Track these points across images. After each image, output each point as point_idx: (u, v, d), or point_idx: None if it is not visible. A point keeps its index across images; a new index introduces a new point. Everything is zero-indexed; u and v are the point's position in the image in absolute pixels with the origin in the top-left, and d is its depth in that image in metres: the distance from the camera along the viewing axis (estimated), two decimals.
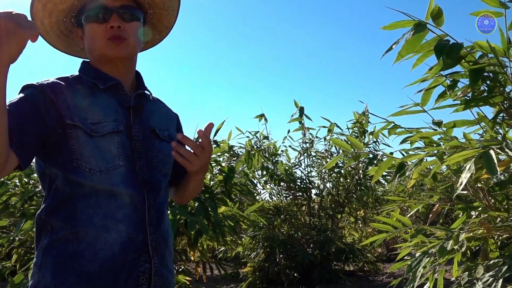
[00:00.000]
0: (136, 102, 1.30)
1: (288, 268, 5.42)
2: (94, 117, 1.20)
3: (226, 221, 3.22)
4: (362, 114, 5.62)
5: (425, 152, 1.87)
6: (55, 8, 1.28)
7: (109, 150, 1.19)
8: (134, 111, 1.28)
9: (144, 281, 1.19)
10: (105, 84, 1.26)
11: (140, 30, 1.31)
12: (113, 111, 1.24)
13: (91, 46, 1.28)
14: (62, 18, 1.32)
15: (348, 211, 6.19)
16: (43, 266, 1.15)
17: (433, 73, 1.84)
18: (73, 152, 1.16)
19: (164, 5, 1.38)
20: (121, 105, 1.27)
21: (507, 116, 1.89)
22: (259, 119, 5.82)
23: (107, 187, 1.17)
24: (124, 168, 1.20)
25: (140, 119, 1.29)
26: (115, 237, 1.16)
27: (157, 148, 1.31)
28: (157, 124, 1.34)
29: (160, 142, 1.32)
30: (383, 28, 1.71)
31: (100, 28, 1.24)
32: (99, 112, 1.21)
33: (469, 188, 2.23)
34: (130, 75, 1.34)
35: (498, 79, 1.80)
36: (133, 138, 1.25)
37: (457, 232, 1.92)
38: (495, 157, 1.45)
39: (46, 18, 1.30)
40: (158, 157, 1.30)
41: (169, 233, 1.33)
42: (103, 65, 1.29)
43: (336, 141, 2.53)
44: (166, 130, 1.37)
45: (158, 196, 1.28)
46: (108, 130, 1.20)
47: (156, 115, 1.37)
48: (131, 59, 1.33)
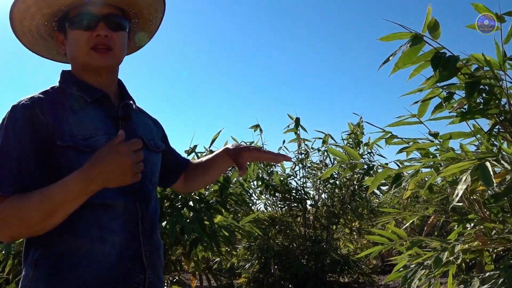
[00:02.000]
0: (123, 112, 1.28)
1: (283, 279, 5.39)
2: (85, 131, 1.17)
3: (221, 231, 3.20)
4: (357, 125, 5.63)
5: (421, 163, 1.88)
6: (39, 12, 1.24)
7: None
8: (123, 121, 1.27)
9: None
10: (92, 97, 1.23)
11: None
12: (102, 123, 1.22)
13: (75, 54, 1.24)
14: (43, 22, 1.28)
15: (343, 222, 6.17)
16: (35, 279, 1.11)
17: (429, 84, 1.85)
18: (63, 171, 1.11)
19: (150, 16, 1.36)
20: (109, 117, 1.25)
21: (502, 129, 1.90)
22: (254, 129, 5.82)
23: (100, 199, 1.14)
24: None
25: (128, 130, 1.26)
26: (110, 249, 1.15)
27: (146, 158, 1.27)
28: (144, 134, 1.33)
29: (148, 152, 1.30)
30: (380, 39, 1.72)
31: (84, 36, 1.21)
32: (89, 126, 1.19)
33: (465, 200, 2.23)
34: (113, 84, 1.32)
35: (493, 91, 1.81)
36: None
37: (453, 244, 1.92)
38: (491, 169, 1.46)
39: (26, 20, 1.26)
40: (147, 167, 1.27)
41: (160, 243, 1.32)
42: (86, 74, 1.26)
43: (332, 151, 2.53)
44: (152, 140, 1.36)
45: (150, 206, 1.27)
46: (101, 144, 1.16)
47: (141, 125, 1.36)
48: (115, 68, 1.31)
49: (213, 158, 1.55)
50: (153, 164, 1.33)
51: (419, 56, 1.73)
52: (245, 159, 1.44)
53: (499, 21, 1.68)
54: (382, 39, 1.72)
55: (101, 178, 1.03)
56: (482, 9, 1.70)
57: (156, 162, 1.36)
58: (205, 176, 1.58)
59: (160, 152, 1.40)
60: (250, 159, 1.45)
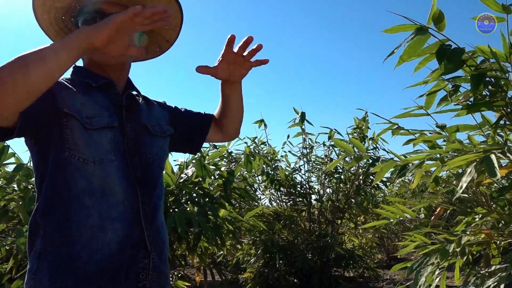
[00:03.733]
0: (127, 101, 1.31)
1: (288, 274, 5.39)
2: (89, 111, 1.20)
3: (225, 225, 3.20)
4: (362, 119, 5.61)
5: (427, 153, 1.87)
6: (53, 5, 1.29)
7: (102, 144, 1.19)
8: (126, 110, 1.29)
9: (144, 277, 1.19)
10: (97, 82, 1.26)
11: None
12: (106, 108, 1.24)
13: None
14: (61, 16, 1.32)
15: (348, 217, 6.17)
16: (39, 271, 1.13)
17: (434, 77, 1.84)
18: (66, 142, 1.15)
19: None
20: (113, 104, 1.27)
21: (508, 121, 1.88)
22: (259, 124, 5.81)
23: (101, 181, 1.16)
24: (116, 163, 1.20)
25: (131, 118, 1.30)
26: (112, 237, 1.16)
27: (150, 144, 1.32)
28: (147, 121, 1.35)
29: (152, 138, 1.34)
30: (384, 31, 1.70)
31: None
32: (94, 107, 1.22)
33: (471, 193, 2.22)
34: (121, 82, 1.35)
35: (500, 84, 1.80)
36: (125, 136, 1.25)
37: (460, 235, 1.91)
38: (496, 162, 1.44)
39: (45, 14, 1.31)
40: (152, 152, 1.31)
41: (164, 229, 1.33)
42: (94, 69, 1.30)
43: (338, 142, 2.52)
44: (157, 125, 1.39)
45: (154, 192, 1.28)
46: (102, 124, 1.20)
47: (145, 112, 1.38)
48: (122, 66, 1.33)
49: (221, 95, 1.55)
50: (159, 149, 1.36)
51: (424, 48, 1.71)
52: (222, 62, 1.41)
53: (505, 12, 1.66)
54: (387, 31, 1.71)
55: (89, 29, 1.06)
56: (488, 0, 1.68)
57: (162, 146, 1.39)
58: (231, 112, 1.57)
59: (167, 136, 1.42)
60: (225, 59, 1.40)
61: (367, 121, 5.60)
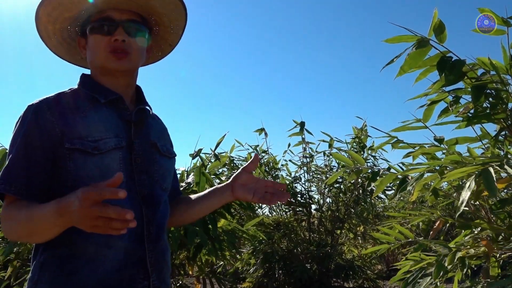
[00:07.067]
0: (137, 117, 1.29)
1: (287, 284, 5.36)
2: (95, 133, 1.18)
3: (224, 236, 3.18)
4: (361, 129, 5.61)
5: (426, 166, 1.86)
6: (61, 16, 1.28)
7: (111, 168, 1.17)
8: (136, 126, 1.27)
9: None
10: (106, 98, 1.24)
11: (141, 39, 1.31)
12: (114, 125, 1.23)
13: (93, 57, 1.27)
14: (66, 26, 1.32)
15: (347, 227, 6.14)
16: (40, 282, 1.13)
17: (435, 88, 1.84)
18: (69, 174, 1.14)
19: (170, 23, 1.38)
20: (122, 119, 1.25)
21: (509, 134, 1.88)
22: (259, 133, 5.80)
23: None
24: (124, 184, 1.17)
25: (141, 134, 1.27)
26: (114, 254, 1.15)
27: (158, 162, 1.30)
28: (157, 140, 1.33)
29: (161, 157, 1.32)
30: (385, 41, 1.71)
31: (104, 40, 1.24)
32: (100, 127, 1.19)
33: (471, 205, 2.21)
34: (130, 89, 1.33)
35: (500, 96, 1.80)
36: (133, 153, 1.23)
37: (455, 249, 1.90)
38: (494, 175, 1.44)
39: (50, 24, 1.30)
40: (159, 172, 1.29)
41: (167, 247, 1.31)
42: (103, 77, 1.28)
43: (337, 156, 2.53)
44: (164, 146, 1.36)
45: (158, 211, 1.26)
46: (110, 146, 1.18)
47: (155, 130, 1.36)
48: (132, 73, 1.32)
49: (205, 204, 1.43)
50: (165, 170, 1.33)
51: (425, 60, 1.72)
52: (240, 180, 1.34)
53: (505, 25, 1.67)
54: (388, 40, 1.71)
55: (71, 218, 0.97)
56: (488, 13, 1.68)
57: (168, 167, 1.36)
58: (192, 216, 1.47)
59: (172, 158, 1.40)
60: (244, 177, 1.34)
61: (366, 131, 5.59)
